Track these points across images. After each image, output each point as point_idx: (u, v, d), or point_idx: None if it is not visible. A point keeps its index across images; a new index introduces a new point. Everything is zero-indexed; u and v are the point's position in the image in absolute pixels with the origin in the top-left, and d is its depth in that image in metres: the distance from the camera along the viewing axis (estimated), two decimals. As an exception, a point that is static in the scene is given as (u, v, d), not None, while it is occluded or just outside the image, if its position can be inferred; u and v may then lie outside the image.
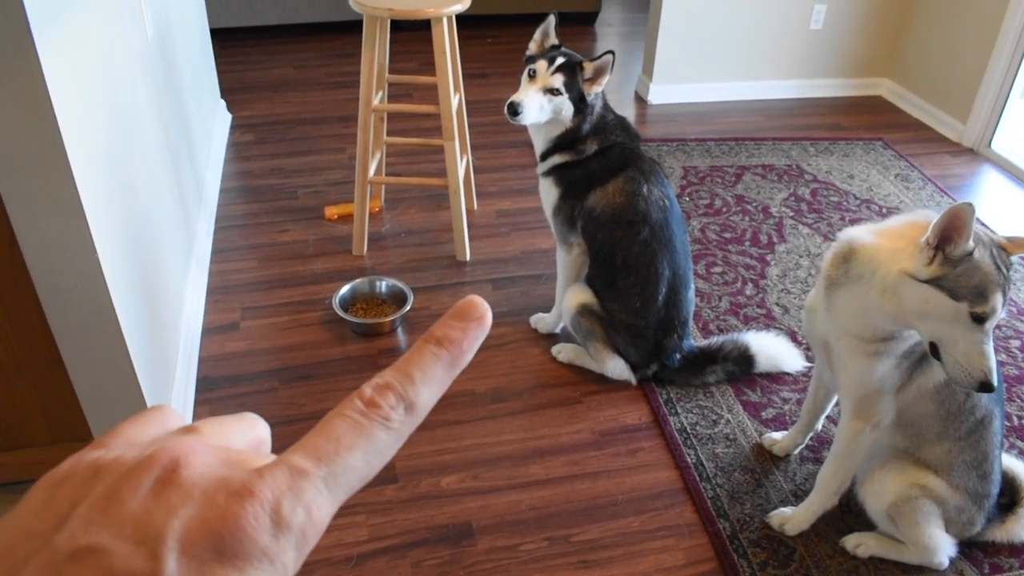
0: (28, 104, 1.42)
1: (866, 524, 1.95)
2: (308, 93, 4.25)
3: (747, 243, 3.09)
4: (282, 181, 3.40)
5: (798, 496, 2.05)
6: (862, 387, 1.73)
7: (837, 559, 1.90)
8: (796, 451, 2.18)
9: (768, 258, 3.00)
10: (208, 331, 2.53)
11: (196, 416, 2.21)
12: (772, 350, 2.43)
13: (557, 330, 2.57)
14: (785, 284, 2.87)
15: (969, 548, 1.90)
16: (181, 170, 2.67)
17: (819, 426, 2.18)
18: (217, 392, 2.30)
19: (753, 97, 4.38)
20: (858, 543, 1.92)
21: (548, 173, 2.32)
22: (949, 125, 4.06)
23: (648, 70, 4.29)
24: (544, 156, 2.32)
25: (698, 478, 2.11)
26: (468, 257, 2.92)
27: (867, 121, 4.21)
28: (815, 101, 4.41)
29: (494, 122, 3.84)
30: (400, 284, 2.66)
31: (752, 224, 3.21)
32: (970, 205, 1.40)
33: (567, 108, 2.18)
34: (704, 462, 2.15)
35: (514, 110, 2.16)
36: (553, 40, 2.26)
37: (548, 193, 2.34)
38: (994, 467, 1.78)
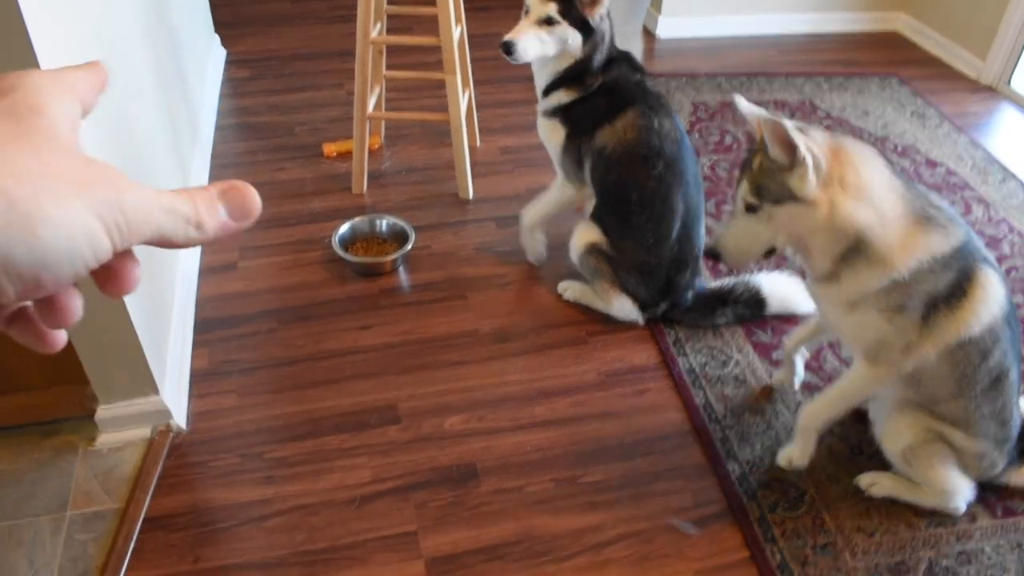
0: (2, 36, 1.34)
1: (880, 466, 1.92)
2: (305, 27, 4.11)
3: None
4: (279, 118, 3.30)
5: (809, 437, 2.02)
6: (861, 340, 1.68)
7: (848, 501, 1.87)
8: (798, 383, 2.13)
9: (779, 196, 2.92)
10: (205, 271, 2.47)
11: (194, 359, 2.17)
12: (784, 292, 2.36)
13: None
14: (797, 223, 2.79)
15: (983, 491, 1.86)
16: (175, 107, 2.58)
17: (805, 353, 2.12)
18: (216, 333, 2.25)
19: (766, 31, 4.24)
20: (872, 482, 1.88)
21: (553, 112, 2.23)
22: (967, 62, 3.93)
23: (657, 2, 4.14)
24: (547, 91, 2.22)
25: (707, 419, 2.07)
26: (471, 195, 2.84)
27: (883, 57, 4.08)
28: (830, 36, 4.27)
29: (497, 56, 3.68)
30: (401, 222, 2.59)
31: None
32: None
33: (573, 36, 2.08)
34: (713, 403, 2.11)
35: (507, 49, 2.07)
36: None
37: (553, 133, 2.25)
38: (1013, 413, 1.73)
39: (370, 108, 2.74)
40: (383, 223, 2.61)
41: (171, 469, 1.88)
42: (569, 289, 2.42)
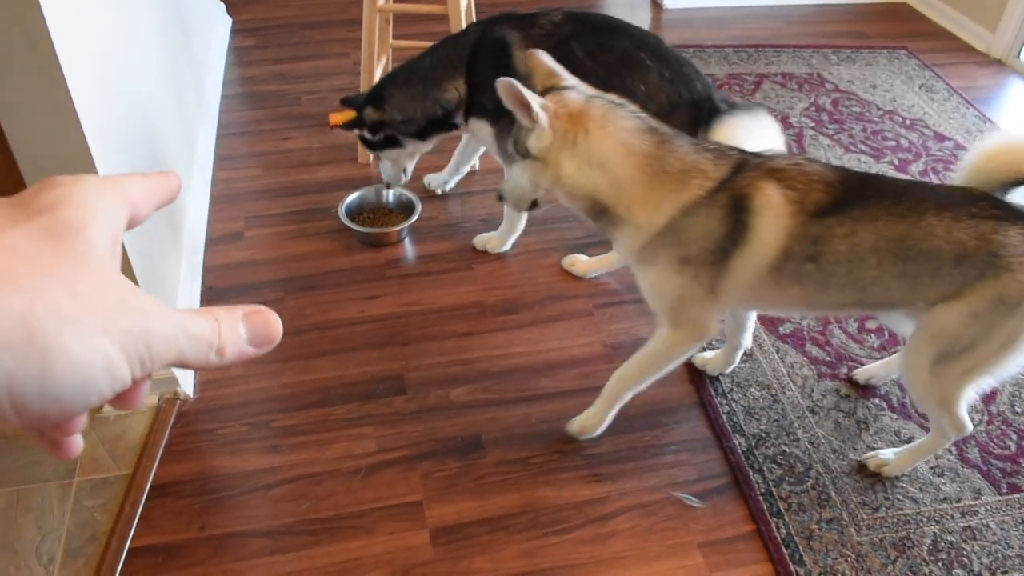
0: (18, 15, 1.33)
1: (887, 440, 1.93)
2: (310, -5, 4.07)
3: (766, 155, 2.98)
4: (285, 87, 3.28)
5: (815, 412, 2.02)
6: (659, 300, 1.67)
7: (854, 476, 1.88)
8: (729, 369, 2.11)
9: (787, 170, 2.90)
10: (212, 240, 2.47)
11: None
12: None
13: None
14: (804, 197, 2.77)
15: (988, 467, 1.86)
16: (181, 75, 2.55)
17: (746, 342, 2.07)
18: (222, 302, 2.24)
19: (773, 2, 4.19)
20: (882, 463, 1.88)
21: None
22: (977, 34, 3.89)
23: (665, -27, 4.09)
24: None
25: (713, 393, 2.07)
26: (477, 166, 2.82)
27: (891, 29, 4.03)
28: (837, 7, 4.22)
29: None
30: (408, 193, 2.57)
31: (771, 135, 3.10)
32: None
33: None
34: (719, 376, 2.11)
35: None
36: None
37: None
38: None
39: (376, 78, 2.71)
40: (390, 194, 2.60)
41: (178, 436, 1.88)
42: (575, 265, 2.41)
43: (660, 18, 4.06)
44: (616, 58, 2.04)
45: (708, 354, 2.13)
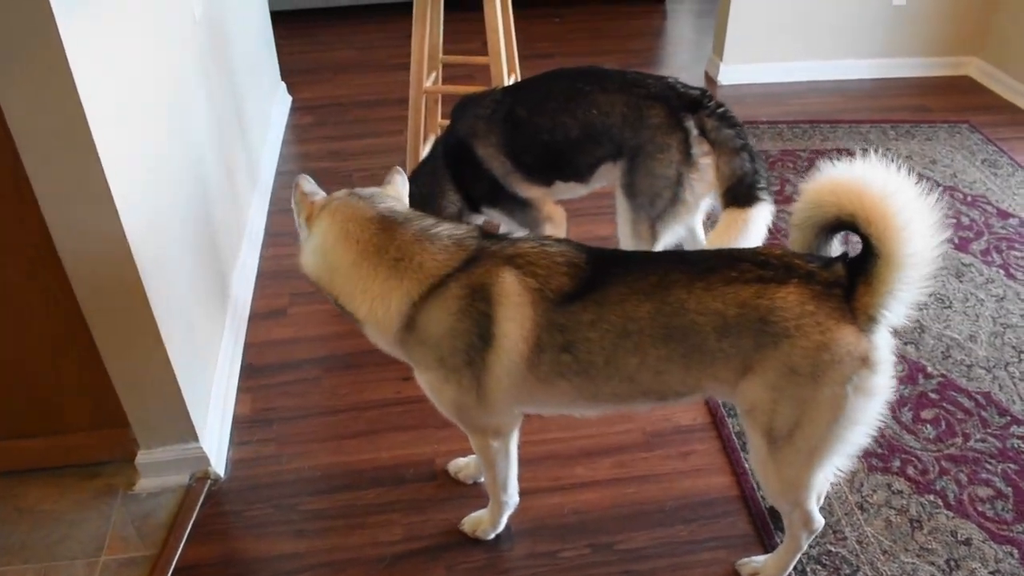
0: (52, 92, 1.39)
1: (941, 543, 1.80)
2: (369, 75, 4.20)
3: (818, 233, 2.91)
4: (338, 164, 3.36)
5: (863, 508, 1.91)
6: (439, 405, 1.58)
7: (904, 580, 1.76)
8: (483, 478, 1.94)
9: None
10: (255, 316, 2.51)
11: (237, 404, 2.19)
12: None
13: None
14: (858, 278, 2.68)
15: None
16: (232, 153, 2.64)
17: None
18: (260, 380, 2.27)
19: (831, 77, 4.15)
20: (753, 571, 1.76)
21: None
22: (1045, 107, 3.77)
23: (719, 49, 4.10)
24: None
25: (755, 485, 1.98)
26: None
27: (954, 103, 3.94)
28: (897, 82, 4.15)
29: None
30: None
31: (824, 213, 3.02)
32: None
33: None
34: (761, 468, 2.02)
35: None
36: None
37: None
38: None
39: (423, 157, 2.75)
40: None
41: (206, 517, 1.88)
42: None
43: (715, 95, 4.02)
44: (559, 102, 2.12)
45: (463, 460, 2.01)
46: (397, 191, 1.66)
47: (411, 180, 2.08)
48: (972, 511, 1.93)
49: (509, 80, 2.68)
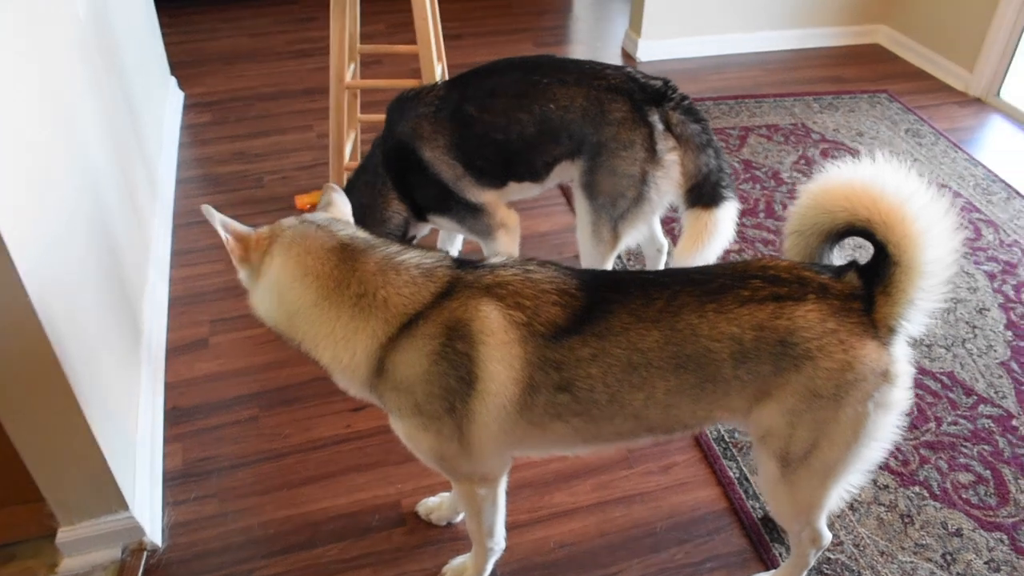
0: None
1: (935, 537, 1.74)
2: (267, 64, 3.88)
3: (761, 215, 2.84)
4: (245, 167, 3.06)
5: (853, 508, 1.83)
6: (420, 454, 1.41)
7: (912, 588, 1.69)
8: (458, 518, 1.80)
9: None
10: (173, 351, 2.23)
11: (167, 457, 1.92)
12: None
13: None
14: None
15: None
16: (131, 167, 2.33)
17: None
18: (189, 425, 2.01)
19: (749, 50, 4.10)
20: None
21: None
22: (954, 73, 3.81)
23: (636, 25, 3.97)
24: None
25: (744, 496, 1.87)
26: (461, 246, 2.63)
27: (868, 72, 3.95)
28: (812, 51, 4.13)
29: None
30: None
31: (764, 193, 2.96)
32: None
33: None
34: (748, 476, 1.92)
35: None
36: None
37: None
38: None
39: (347, 157, 2.52)
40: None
41: (146, 598, 1.63)
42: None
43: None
44: (512, 96, 1.95)
45: (433, 500, 1.82)
46: (341, 212, 1.44)
47: (347, 191, 1.83)
48: (958, 499, 1.88)
49: (438, 69, 2.47)
